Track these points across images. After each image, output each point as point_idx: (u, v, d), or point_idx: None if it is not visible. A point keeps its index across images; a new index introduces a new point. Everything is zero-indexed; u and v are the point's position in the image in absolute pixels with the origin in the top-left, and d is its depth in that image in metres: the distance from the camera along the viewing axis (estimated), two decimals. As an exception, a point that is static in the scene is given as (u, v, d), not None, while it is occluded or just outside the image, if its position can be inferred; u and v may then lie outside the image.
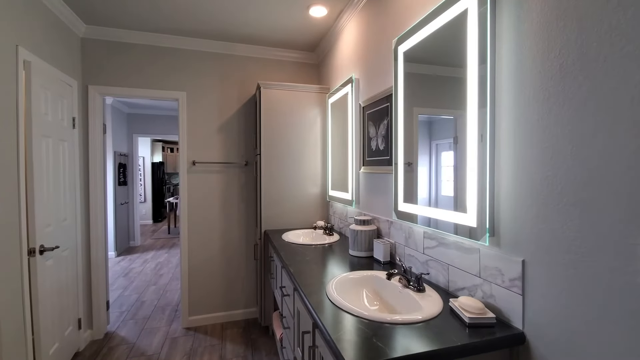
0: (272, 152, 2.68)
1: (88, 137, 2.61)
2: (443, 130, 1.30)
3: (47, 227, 1.99)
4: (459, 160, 1.22)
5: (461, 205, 1.18)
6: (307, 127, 2.77)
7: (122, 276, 4.34)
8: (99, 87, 2.62)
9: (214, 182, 2.95)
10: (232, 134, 3.00)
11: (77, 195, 2.44)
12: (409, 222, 1.52)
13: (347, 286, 1.37)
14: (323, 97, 2.80)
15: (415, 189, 1.48)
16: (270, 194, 2.69)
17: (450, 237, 1.29)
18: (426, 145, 1.40)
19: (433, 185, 1.37)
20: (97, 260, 2.65)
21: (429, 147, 1.39)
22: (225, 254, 3.00)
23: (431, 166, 1.36)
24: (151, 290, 3.80)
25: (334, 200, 2.59)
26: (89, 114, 2.60)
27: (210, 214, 2.94)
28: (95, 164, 2.63)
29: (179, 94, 2.82)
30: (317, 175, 2.81)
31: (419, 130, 1.44)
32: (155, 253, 5.61)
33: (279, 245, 2.10)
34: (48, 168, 2.02)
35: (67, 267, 2.27)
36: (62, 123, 2.23)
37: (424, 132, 1.41)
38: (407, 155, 1.54)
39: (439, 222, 1.30)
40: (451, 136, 1.26)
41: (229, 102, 2.98)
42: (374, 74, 1.97)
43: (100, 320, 2.66)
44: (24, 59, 1.79)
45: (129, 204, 6.04)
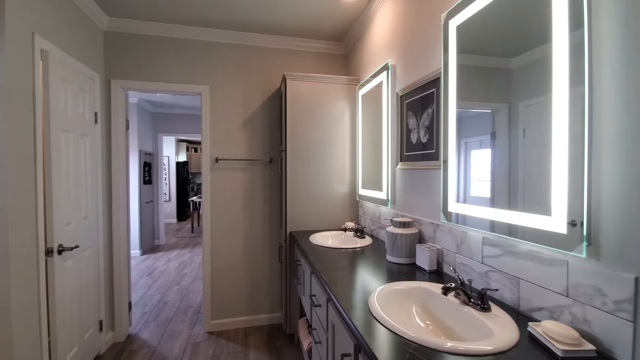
0: (298, 148, 2.51)
1: (110, 133, 2.54)
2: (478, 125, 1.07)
3: (66, 225, 1.91)
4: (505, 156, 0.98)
5: (541, 206, 0.95)
6: (335, 122, 2.57)
7: (146, 275, 4.31)
8: (121, 82, 2.55)
9: (237, 180, 2.81)
10: (256, 130, 2.85)
11: (99, 192, 2.36)
12: (462, 225, 1.29)
13: (393, 300, 1.16)
14: (352, 89, 2.59)
15: (470, 187, 1.25)
16: (296, 193, 2.51)
17: (521, 245, 1.06)
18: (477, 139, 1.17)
19: (502, 181, 1.14)
20: (120, 260, 2.57)
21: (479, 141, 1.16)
22: (249, 256, 2.86)
23: (497, 160, 1.13)
24: (174, 290, 3.73)
25: (365, 200, 2.38)
26: (111, 108, 2.53)
27: (233, 213, 2.81)
28: (117, 161, 2.56)
29: (201, 88, 2.71)
30: (346, 173, 2.61)
31: (464, 123, 1.21)
32: (179, 252, 5.59)
33: (307, 249, 1.92)
34: (68, 164, 1.94)
35: (88, 268, 2.19)
36: (83, 118, 2.15)
37: (472, 124, 1.18)
38: (458, 147, 1.31)
39: (506, 226, 1.07)
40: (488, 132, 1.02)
41: (253, 96, 2.84)
42: (414, 57, 1.74)
43: (122, 322, 2.59)
44: (41, 47, 1.70)
45: (153, 202, 6.08)
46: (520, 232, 1.02)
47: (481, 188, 1.21)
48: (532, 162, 0.99)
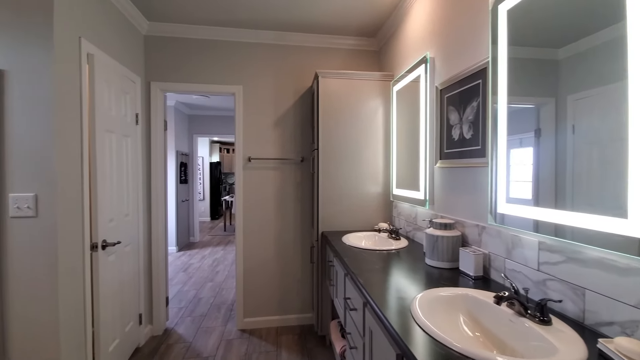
0: (330, 146, 2.46)
1: (150, 134, 2.64)
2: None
3: (109, 222, 1.99)
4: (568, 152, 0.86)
5: (615, 207, 0.83)
6: (368, 119, 2.50)
7: (182, 271, 4.46)
8: (160, 84, 2.64)
9: (269, 180, 2.82)
10: (288, 129, 2.84)
11: (139, 191, 2.46)
12: (514, 227, 1.18)
13: (437, 307, 1.08)
14: (386, 85, 2.51)
15: (509, 188, 1.14)
16: (327, 192, 2.47)
17: (589, 252, 0.94)
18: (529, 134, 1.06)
19: (549, 181, 1.02)
20: (158, 256, 2.66)
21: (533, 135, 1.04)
22: (280, 256, 2.85)
23: (542, 158, 1.02)
24: (208, 287, 3.83)
25: (399, 200, 2.28)
26: (151, 110, 2.63)
27: (265, 213, 2.82)
28: (156, 161, 2.65)
29: (235, 88, 2.74)
30: (379, 172, 2.52)
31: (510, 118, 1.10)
32: (213, 249, 5.75)
33: (341, 250, 1.87)
34: (111, 163, 2.03)
35: (129, 263, 2.28)
36: (125, 119, 2.24)
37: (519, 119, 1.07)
38: (508, 143, 1.20)
39: (570, 230, 0.96)
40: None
41: (285, 94, 2.83)
42: (456, 48, 1.64)
43: (160, 316, 2.68)
44: (88, 51, 1.79)
45: (189, 201, 6.30)
46: (583, 236, 0.91)
47: (521, 189, 1.13)
48: (593, 160, 0.88)
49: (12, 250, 1.52)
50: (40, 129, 1.54)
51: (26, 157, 1.53)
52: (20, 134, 1.52)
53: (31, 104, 1.53)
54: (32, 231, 1.54)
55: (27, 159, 1.53)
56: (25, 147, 1.53)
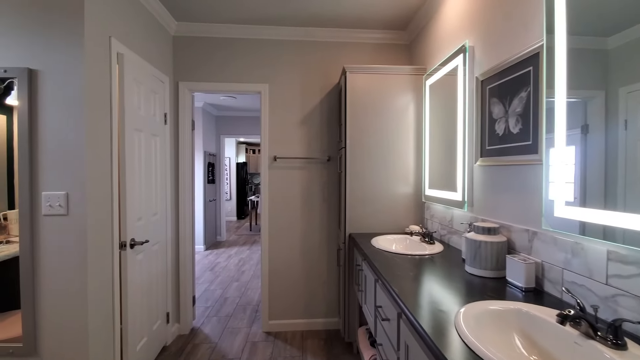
0: (358, 145, 2.36)
1: (178, 133, 2.65)
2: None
3: (138, 220, 2.00)
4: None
5: None
6: (398, 116, 2.37)
7: (209, 270, 4.51)
8: (188, 84, 2.65)
9: (295, 179, 2.76)
10: (315, 127, 2.77)
11: (167, 190, 2.47)
12: (575, 234, 1.02)
13: (486, 323, 0.95)
14: (418, 80, 2.37)
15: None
16: (355, 192, 2.36)
17: (679, 265, 0.78)
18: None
19: (598, 181, 0.87)
20: (185, 255, 2.67)
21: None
22: (306, 258, 2.78)
23: (591, 157, 0.86)
24: (234, 286, 3.83)
25: (433, 202, 2.14)
26: (179, 110, 2.64)
27: (291, 213, 2.76)
28: (184, 160, 2.66)
29: (261, 87, 2.70)
30: (409, 171, 2.39)
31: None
32: (239, 249, 5.80)
33: (370, 254, 1.76)
34: (140, 162, 2.04)
35: (157, 261, 2.29)
36: (154, 118, 2.26)
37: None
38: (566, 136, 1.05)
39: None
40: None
41: (311, 92, 2.76)
42: (499, 34, 1.48)
43: (187, 315, 2.68)
44: (117, 51, 1.80)
45: (216, 201, 6.40)
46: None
47: (566, 190, 0.99)
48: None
49: (45, 247, 1.55)
50: (72, 128, 1.55)
51: (58, 155, 1.55)
52: (52, 133, 1.54)
53: (63, 104, 1.55)
54: (63, 229, 1.55)
55: (59, 157, 1.55)
56: (57, 146, 1.55)
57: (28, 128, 1.51)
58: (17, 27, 1.51)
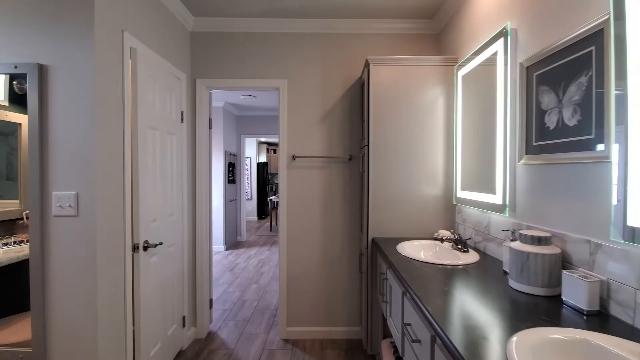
0: (382, 142, 2.19)
1: (195, 132, 2.59)
2: None
3: (152, 222, 1.93)
4: None
5: None
6: (426, 110, 2.18)
7: (229, 271, 4.47)
8: (205, 81, 2.57)
9: (315, 179, 2.62)
10: (336, 124, 2.62)
11: (184, 190, 2.40)
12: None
13: (548, 357, 0.77)
14: (449, 71, 2.17)
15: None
16: (378, 193, 2.20)
17: None
18: None
19: None
20: (202, 256, 2.60)
21: None
22: (326, 262, 2.64)
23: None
24: (252, 289, 3.75)
25: (465, 205, 1.93)
26: (196, 108, 2.57)
27: (310, 215, 2.63)
28: (201, 159, 2.59)
29: (279, 83, 2.59)
30: (438, 171, 2.19)
31: None
32: (258, 249, 5.74)
33: (396, 262, 1.59)
34: (155, 162, 1.97)
35: (173, 264, 2.22)
36: (170, 116, 2.19)
37: None
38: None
39: None
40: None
41: (332, 87, 2.61)
42: (551, 11, 1.28)
43: (204, 319, 2.61)
44: (131, 45, 1.73)
45: (236, 201, 6.39)
46: None
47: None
48: None
49: (55, 249, 1.49)
50: (81, 125, 1.49)
51: (68, 154, 1.49)
52: (62, 131, 1.49)
53: (73, 100, 1.49)
54: (73, 230, 1.49)
55: (69, 156, 1.49)
56: (68, 144, 1.49)
57: (38, 125, 1.46)
58: (27, 21, 1.47)
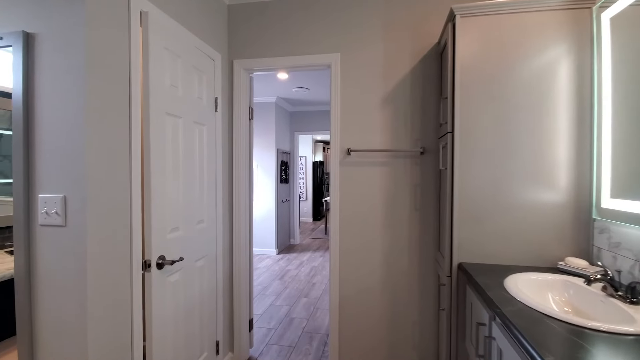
0: (473, 127, 1.54)
1: (233, 123, 2.20)
2: None
3: (172, 232, 1.56)
4: None
5: None
6: (541, 79, 1.47)
7: (278, 278, 4.11)
8: (244, 62, 2.17)
9: (374, 179, 2.06)
10: (402, 108, 2.02)
11: (217, 191, 2.03)
12: None
13: None
14: (581, 16, 1.43)
15: None
16: (468, 200, 1.55)
17: None
18: None
19: None
20: (241, 270, 2.21)
21: None
22: (389, 287, 2.05)
23: None
24: (302, 303, 3.30)
25: (620, 221, 1.20)
26: (234, 94, 2.19)
27: (369, 225, 2.07)
28: (240, 155, 2.20)
29: (330, 58, 2.07)
30: (557, 167, 1.47)
31: None
32: (311, 255, 5.32)
33: (513, 315, 0.96)
34: (176, 156, 1.60)
35: (202, 280, 1.85)
36: (200, 102, 1.82)
37: None
38: None
39: None
40: None
41: (398, 60, 2.02)
42: None
43: (242, 343, 2.22)
44: (141, 8, 1.36)
45: (289, 202, 6.06)
46: None
47: None
48: None
49: (41, 267, 1.17)
50: (70, 107, 1.14)
51: (56, 145, 1.16)
52: (49, 115, 1.16)
53: (61, 76, 1.15)
54: (59, 245, 1.16)
55: (57, 148, 1.16)
56: (55, 132, 1.16)
57: (23, 108, 1.15)
58: (9, -22, 1.16)
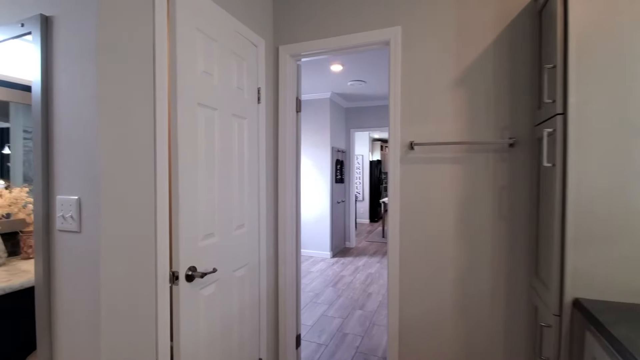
0: (599, 108, 1.08)
1: (278, 116, 1.98)
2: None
3: (205, 238, 1.38)
4: None
5: None
6: None
7: (332, 285, 3.84)
8: (290, 47, 1.93)
9: (444, 179, 1.66)
10: (481, 88, 1.59)
11: (260, 192, 1.82)
12: None
13: None
14: None
15: None
16: (591, 211, 1.09)
17: None
18: None
19: None
20: (287, 280, 1.98)
21: None
22: (463, 317, 1.63)
23: None
24: (356, 316, 2.99)
25: None
26: (279, 84, 1.96)
27: (436, 234, 1.67)
28: (285, 151, 1.97)
29: (389, 33, 1.72)
30: None
31: None
32: (368, 260, 4.96)
33: None
34: (211, 154, 1.41)
35: (243, 293, 1.65)
36: (239, 93, 1.62)
37: None
38: None
39: None
40: None
41: (476, 26, 1.59)
42: None
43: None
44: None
45: (345, 202, 5.77)
46: None
47: None
48: None
49: (59, 281, 1.05)
50: (83, 96, 1.00)
51: (70, 139, 1.02)
52: (64, 105, 1.03)
53: (75, 61, 1.01)
54: (75, 253, 1.02)
55: (70, 142, 1.02)
56: (69, 124, 1.02)
57: (42, 100, 1.04)
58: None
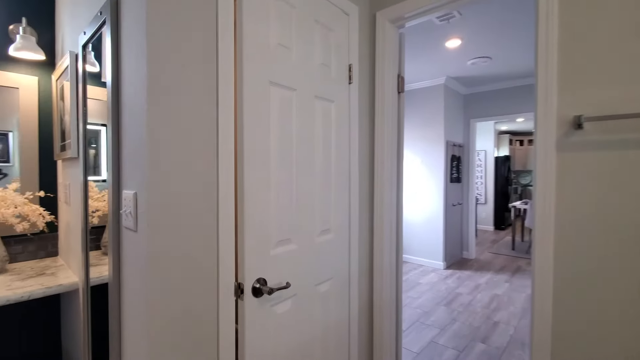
0: None
1: (375, 99, 1.63)
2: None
3: (279, 245, 1.15)
4: None
5: None
6: None
7: (444, 304, 3.23)
8: (389, 11, 1.56)
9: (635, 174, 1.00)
10: None
11: (352, 190, 1.51)
12: None
13: None
14: None
15: None
16: None
17: None
18: None
19: None
20: (383, 297, 1.62)
21: None
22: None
23: None
24: (477, 352, 2.36)
25: None
26: (376, 59, 1.61)
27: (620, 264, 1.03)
28: (384, 142, 1.60)
29: (540, -44, 1.16)
30: None
31: None
32: (492, 277, 4.07)
33: None
34: (287, 143, 1.18)
35: (329, 311, 1.37)
36: (325, 70, 1.35)
37: None
38: None
39: None
40: None
41: None
42: None
43: (385, 399, 1.62)
44: None
45: (462, 205, 4.94)
46: None
47: None
48: None
49: (124, 278, 0.97)
50: (135, 79, 0.88)
51: (129, 129, 0.92)
52: (127, 95, 0.94)
53: (131, 37, 0.90)
54: (132, 256, 0.91)
55: (129, 132, 0.92)
56: (127, 111, 0.92)
57: (112, 92, 0.98)
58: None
